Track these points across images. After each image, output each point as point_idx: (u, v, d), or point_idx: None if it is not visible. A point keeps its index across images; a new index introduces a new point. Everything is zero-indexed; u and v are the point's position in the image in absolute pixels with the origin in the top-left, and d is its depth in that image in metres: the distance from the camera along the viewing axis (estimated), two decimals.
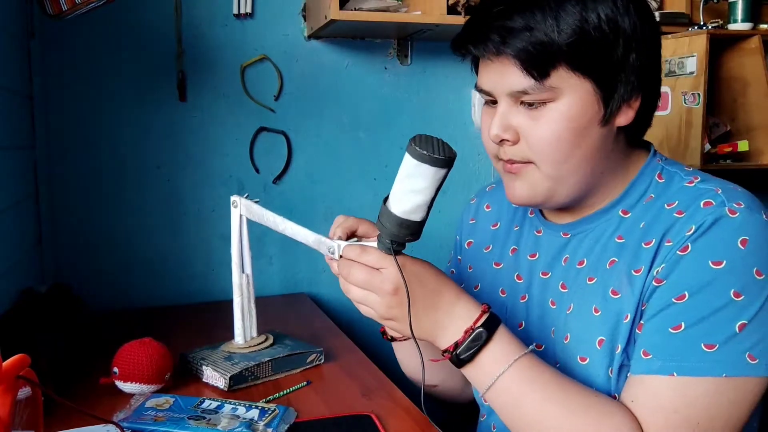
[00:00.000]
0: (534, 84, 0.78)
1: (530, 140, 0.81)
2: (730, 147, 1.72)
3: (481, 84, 0.85)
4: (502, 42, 0.78)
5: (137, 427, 0.86)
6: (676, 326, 0.73)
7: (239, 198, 1.06)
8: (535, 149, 0.81)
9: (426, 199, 0.76)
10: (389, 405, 0.98)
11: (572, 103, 0.79)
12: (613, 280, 0.82)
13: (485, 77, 0.84)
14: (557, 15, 0.76)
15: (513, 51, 0.77)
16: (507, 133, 0.82)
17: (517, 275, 0.97)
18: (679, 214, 0.78)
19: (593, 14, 0.76)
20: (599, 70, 0.78)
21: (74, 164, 1.55)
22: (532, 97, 0.79)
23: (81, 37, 1.52)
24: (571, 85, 0.78)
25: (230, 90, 1.64)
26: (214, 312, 1.51)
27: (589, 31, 0.76)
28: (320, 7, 1.51)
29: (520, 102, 0.81)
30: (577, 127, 0.79)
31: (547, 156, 0.81)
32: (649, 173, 0.86)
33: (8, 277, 1.21)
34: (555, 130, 0.79)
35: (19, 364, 0.62)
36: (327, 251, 0.88)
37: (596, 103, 0.79)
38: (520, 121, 0.81)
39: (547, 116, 0.80)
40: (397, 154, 1.83)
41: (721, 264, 0.73)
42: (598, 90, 0.79)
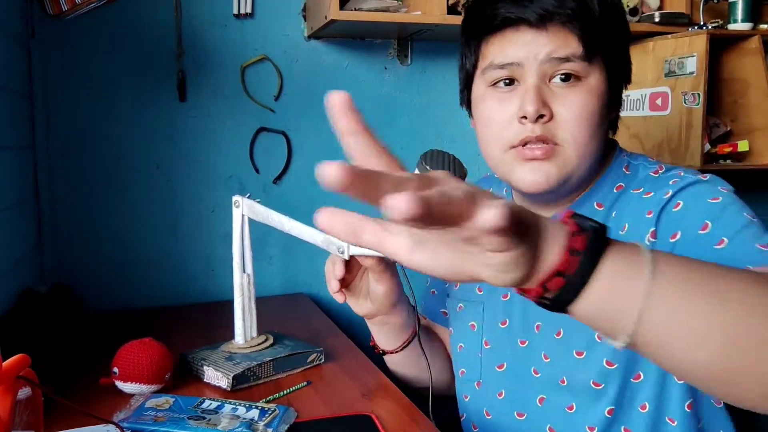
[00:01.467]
0: (580, 52, 0.78)
1: (564, 117, 0.80)
2: (730, 147, 1.72)
3: (505, 57, 0.82)
4: (559, 4, 0.77)
5: (137, 427, 0.86)
6: (719, 242, 0.72)
7: (241, 198, 1.06)
8: (568, 127, 0.80)
9: None
10: (389, 405, 0.98)
11: (598, 84, 0.80)
12: None
13: (514, 47, 0.81)
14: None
15: (571, 14, 0.77)
16: (545, 108, 0.80)
17: None
18: (648, 194, 0.81)
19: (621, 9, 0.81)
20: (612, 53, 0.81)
21: (74, 164, 1.55)
22: (569, 66, 0.78)
23: (81, 37, 1.52)
24: (597, 69, 0.80)
25: (230, 90, 1.64)
26: (213, 312, 1.51)
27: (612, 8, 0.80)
28: (320, 7, 1.51)
29: (550, 78, 0.80)
30: (602, 107, 0.81)
31: (580, 134, 0.80)
32: (617, 166, 0.89)
33: (8, 277, 1.21)
34: (590, 106, 0.79)
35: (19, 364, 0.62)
36: (336, 251, 0.88)
37: (607, 86, 0.82)
38: (554, 98, 0.80)
39: (582, 91, 0.79)
40: (398, 154, 1.83)
41: (718, 199, 0.75)
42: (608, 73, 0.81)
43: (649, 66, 1.78)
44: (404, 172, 0.47)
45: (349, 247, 0.88)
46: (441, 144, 1.82)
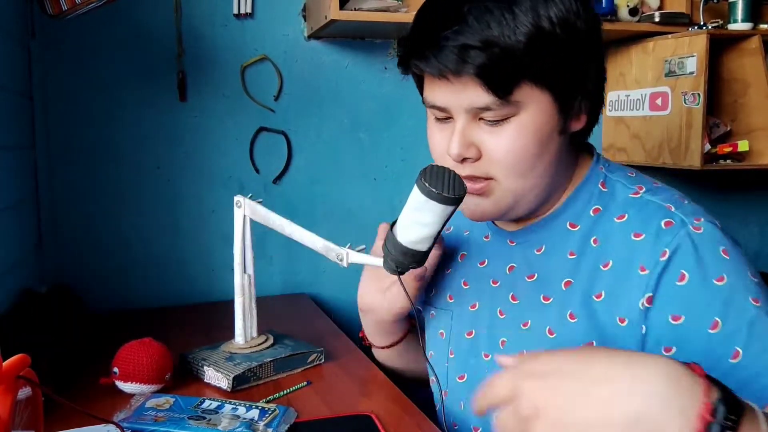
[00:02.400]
0: (497, 100, 0.75)
1: (494, 156, 0.78)
2: (730, 147, 1.72)
3: (433, 100, 0.80)
4: (461, 60, 0.73)
5: (137, 427, 0.86)
6: (734, 354, 0.69)
7: (243, 198, 1.06)
8: (499, 165, 0.78)
9: (433, 232, 0.77)
10: (389, 405, 0.98)
11: (535, 115, 0.76)
12: (570, 303, 0.80)
13: (439, 94, 0.79)
14: (514, 27, 0.72)
15: (474, 70, 0.73)
16: (469, 150, 0.78)
17: (463, 281, 0.96)
18: (638, 236, 0.76)
19: (546, 21, 0.73)
20: (559, 79, 0.76)
21: (74, 164, 1.55)
22: (494, 113, 0.76)
23: (81, 37, 1.52)
24: (533, 99, 0.76)
25: (230, 90, 1.64)
26: (213, 312, 1.51)
27: (545, 38, 0.73)
28: (320, 7, 1.51)
29: (480, 118, 0.78)
30: (539, 139, 0.77)
31: (511, 170, 0.78)
32: (592, 181, 0.85)
33: (8, 277, 1.21)
34: (520, 144, 0.77)
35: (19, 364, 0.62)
36: (335, 258, 0.88)
37: (556, 113, 0.78)
38: (482, 137, 0.78)
39: (509, 130, 0.77)
40: (397, 154, 1.84)
41: (723, 280, 0.71)
42: (558, 100, 0.77)
43: (649, 66, 1.78)
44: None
45: (348, 254, 0.88)
46: None
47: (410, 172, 1.80)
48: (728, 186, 2.05)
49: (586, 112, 0.81)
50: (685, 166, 1.67)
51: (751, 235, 2.11)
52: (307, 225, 0.94)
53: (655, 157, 1.76)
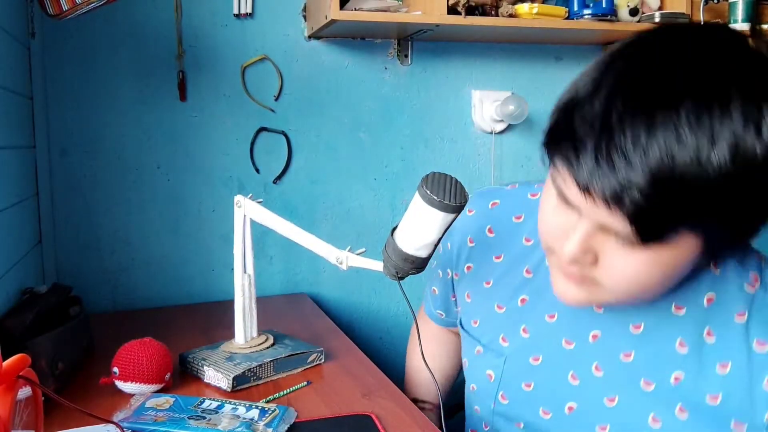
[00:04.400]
0: (637, 239, 0.61)
1: (612, 273, 0.67)
2: None
3: (566, 193, 0.65)
4: (616, 198, 0.58)
5: (137, 427, 0.86)
6: None
7: (243, 198, 1.06)
8: (615, 281, 0.67)
9: (433, 239, 0.76)
10: (389, 405, 0.98)
11: (677, 255, 0.64)
12: (681, 398, 0.74)
13: (576, 195, 0.63)
14: (709, 151, 0.55)
15: (625, 211, 0.59)
16: (586, 256, 0.67)
17: (523, 328, 0.88)
18: (761, 346, 0.70)
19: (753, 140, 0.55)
20: (719, 228, 0.62)
21: (74, 164, 1.55)
22: (631, 241, 0.63)
23: (81, 37, 1.52)
24: (682, 242, 0.62)
25: (230, 90, 1.64)
26: (213, 312, 1.51)
27: (749, 167, 0.56)
28: (320, 7, 1.51)
29: (611, 231, 0.64)
30: (671, 272, 0.66)
31: (626, 292, 0.68)
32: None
33: (8, 277, 1.21)
34: (648, 274, 0.65)
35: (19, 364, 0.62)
36: (335, 260, 0.88)
37: (700, 253, 0.65)
38: (607, 249, 0.65)
39: (642, 258, 0.64)
40: (397, 154, 1.84)
41: None
42: (707, 244, 0.64)
43: None
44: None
45: (348, 257, 0.88)
46: (441, 144, 1.82)
47: (410, 172, 1.80)
48: None
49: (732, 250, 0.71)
50: None
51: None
52: (307, 225, 0.95)
53: None
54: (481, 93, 1.82)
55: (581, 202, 0.63)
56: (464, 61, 1.82)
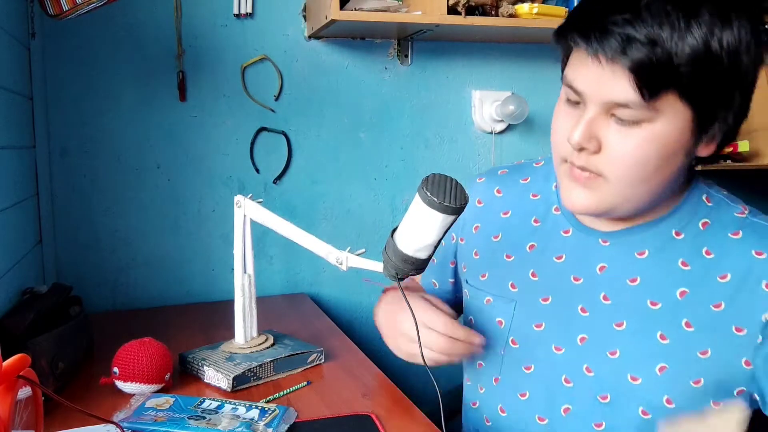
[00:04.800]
0: (639, 100, 0.72)
1: (614, 156, 0.76)
2: (730, 147, 1.72)
3: (574, 81, 0.78)
4: (620, 49, 0.71)
5: (137, 427, 0.86)
6: None
7: (243, 198, 1.06)
8: (616, 166, 0.77)
9: (433, 240, 0.76)
10: (389, 405, 0.98)
11: (669, 128, 0.75)
12: (686, 312, 0.81)
13: (583, 77, 0.77)
14: (684, 36, 0.71)
15: (631, 63, 0.71)
16: (591, 142, 0.77)
17: (531, 272, 0.94)
18: (759, 254, 0.79)
19: (717, 42, 0.71)
20: (707, 102, 0.74)
21: (74, 164, 1.55)
22: (630, 113, 0.74)
23: (81, 37, 1.52)
24: (673, 111, 0.74)
25: (230, 90, 1.64)
26: (213, 312, 1.51)
27: (710, 57, 0.71)
28: (320, 7, 1.51)
29: (611, 114, 0.76)
30: (665, 153, 0.76)
31: (626, 176, 0.77)
32: (696, 194, 0.86)
33: (8, 277, 1.21)
34: (644, 152, 0.75)
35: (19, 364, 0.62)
36: (335, 261, 0.88)
37: (690, 132, 0.76)
38: (609, 134, 0.76)
39: (639, 135, 0.75)
40: (397, 154, 1.84)
41: None
42: (697, 121, 0.75)
43: None
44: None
45: (348, 258, 0.88)
46: (441, 144, 1.82)
47: (410, 172, 1.80)
48: (728, 186, 2.04)
49: (717, 141, 0.80)
50: None
51: None
52: (306, 225, 0.95)
53: None
54: (481, 93, 1.82)
55: (589, 80, 0.75)
56: (464, 61, 1.82)
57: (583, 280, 0.89)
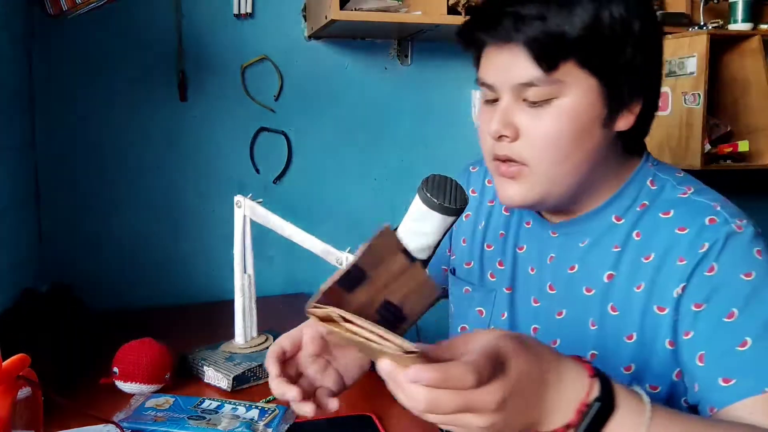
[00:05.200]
0: (541, 75, 0.75)
1: (531, 137, 0.79)
2: (730, 147, 1.72)
3: (484, 76, 0.82)
4: (514, 28, 0.75)
5: (137, 427, 0.86)
6: (742, 343, 0.72)
7: (243, 198, 1.06)
8: (534, 147, 0.79)
9: (433, 241, 0.76)
10: (389, 405, 0.98)
11: (577, 100, 0.77)
12: (612, 296, 0.82)
13: (490, 68, 0.81)
14: (572, 8, 0.74)
15: (524, 38, 0.75)
16: (507, 129, 0.79)
17: (499, 261, 0.96)
18: (682, 230, 0.78)
19: (606, 12, 0.75)
20: (607, 68, 0.77)
21: (74, 164, 1.55)
22: (537, 91, 0.77)
23: (81, 37, 1.52)
24: (577, 81, 0.77)
25: (230, 90, 1.64)
26: (213, 312, 1.51)
27: (601, 27, 0.75)
28: (320, 7, 1.51)
29: (523, 99, 0.79)
30: (579, 126, 0.78)
31: (546, 156, 0.79)
32: (640, 178, 0.86)
33: (8, 277, 1.21)
34: (557, 128, 0.77)
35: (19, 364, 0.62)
36: (335, 261, 0.88)
37: (600, 102, 0.78)
38: (522, 118, 0.79)
39: (550, 113, 0.77)
40: (397, 154, 1.84)
41: (751, 275, 0.74)
42: (604, 89, 0.77)
43: None
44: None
45: (348, 258, 0.88)
46: (441, 144, 1.82)
47: (410, 172, 1.80)
48: (728, 186, 2.04)
49: (636, 113, 0.81)
50: (685, 166, 1.67)
51: None
52: (306, 225, 0.95)
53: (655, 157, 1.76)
54: (480, 93, 1.82)
55: (496, 71, 0.79)
56: (464, 61, 1.80)
57: (536, 270, 0.91)
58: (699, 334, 0.75)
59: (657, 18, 0.83)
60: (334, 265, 0.93)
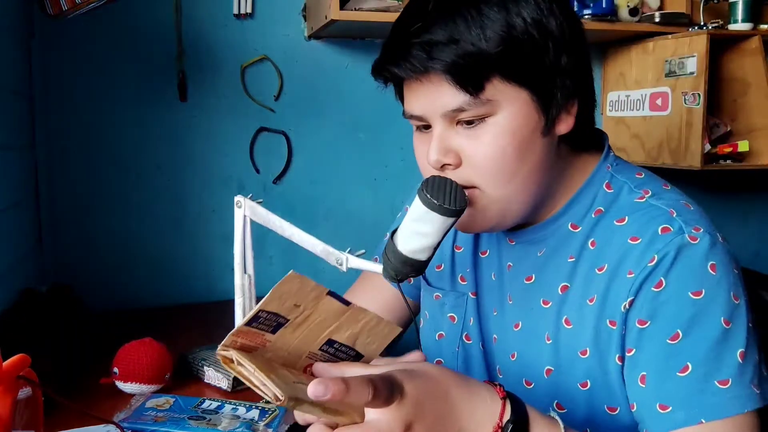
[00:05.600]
0: (469, 99, 0.72)
1: (474, 160, 0.75)
2: (730, 147, 1.72)
3: (411, 109, 0.79)
4: (428, 58, 0.71)
5: (137, 427, 0.86)
6: (683, 368, 0.69)
7: (243, 198, 1.06)
8: (480, 170, 0.75)
9: (433, 242, 0.76)
10: None
11: (512, 115, 0.74)
12: (566, 309, 0.79)
13: (414, 101, 0.78)
14: (481, 23, 0.71)
15: (441, 66, 0.71)
16: (448, 156, 0.75)
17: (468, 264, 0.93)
18: (634, 240, 0.74)
19: (518, 18, 0.71)
20: (533, 76, 0.73)
21: (74, 164, 1.55)
22: (469, 114, 0.73)
23: (81, 37, 1.52)
24: (507, 97, 0.73)
25: (230, 90, 1.64)
26: (214, 312, 1.51)
27: (517, 36, 0.71)
28: (320, 7, 1.51)
29: (457, 122, 0.75)
30: (520, 140, 0.74)
31: (493, 176, 0.75)
32: (596, 182, 0.82)
33: (8, 277, 1.21)
34: (498, 146, 0.74)
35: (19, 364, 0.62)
36: (335, 262, 0.88)
37: (535, 112, 0.74)
38: (460, 142, 0.75)
39: (487, 132, 0.74)
40: (397, 154, 1.84)
41: (700, 294, 0.70)
42: (536, 98, 0.74)
43: (650, 66, 1.78)
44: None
45: (348, 259, 0.88)
46: None
47: (410, 172, 1.80)
48: (728, 186, 2.05)
49: (573, 113, 0.77)
50: (685, 166, 1.67)
51: (750, 235, 2.11)
52: (306, 225, 0.94)
53: (655, 157, 1.76)
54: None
55: (421, 102, 0.76)
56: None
57: (496, 277, 0.88)
58: (641, 353, 0.72)
59: (573, 11, 0.78)
60: (334, 266, 0.92)
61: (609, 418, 0.77)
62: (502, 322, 0.86)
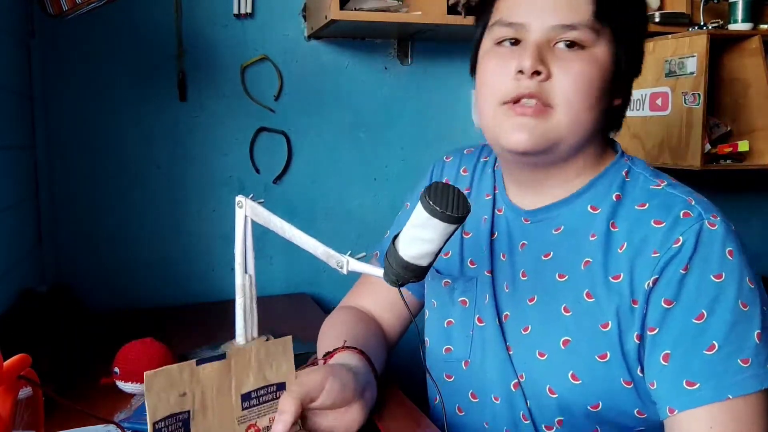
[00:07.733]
0: (586, 19, 0.78)
1: (563, 79, 0.78)
2: (730, 147, 1.72)
3: (513, 16, 0.81)
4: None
5: (138, 427, 0.85)
6: (710, 347, 0.72)
7: (244, 198, 1.06)
8: (565, 91, 0.78)
9: (434, 248, 0.76)
10: (389, 405, 0.98)
11: (604, 55, 0.80)
12: (587, 282, 0.81)
13: (523, 7, 0.81)
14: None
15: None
16: (542, 66, 0.78)
17: (480, 247, 0.95)
18: (658, 223, 0.78)
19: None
20: (625, 29, 0.81)
21: (74, 164, 1.55)
22: (575, 35, 0.78)
23: (81, 37, 1.52)
24: (605, 39, 0.80)
25: (230, 90, 1.64)
26: (214, 312, 1.51)
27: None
28: (320, 7, 1.51)
29: (554, 43, 0.79)
30: (605, 79, 0.80)
31: (576, 100, 0.79)
32: (615, 170, 0.86)
33: (8, 277, 1.21)
34: (590, 74, 0.78)
35: (19, 364, 0.62)
36: (335, 264, 0.88)
37: (614, 63, 0.81)
38: (555, 60, 0.79)
39: (584, 58, 0.79)
40: (397, 154, 1.84)
41: (721, 277, 0.74)
42: (616, 50, 0.81)
43: (650, 66, 1.77)
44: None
45: (349, 261, 0.88)
46: (441, 144, 1.82)
47: (410, 172, 1.80)
48: (728, 186, 2.05)
49: (622, 95, 0.85)
50: (685, 166, 1.67)
51: (751, 235, 2.11)
52: (307, 225, 0.95)
53: (655, 157, 1.76)
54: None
55: (534, 10, 0.80)
56: (464, 61, 1.81)
57: (508, 257, 0.91)
58: (665, 332, 0.75)
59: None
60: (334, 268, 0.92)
61: (626, 391, 0.79)
62: (514, 297, 0.88)
